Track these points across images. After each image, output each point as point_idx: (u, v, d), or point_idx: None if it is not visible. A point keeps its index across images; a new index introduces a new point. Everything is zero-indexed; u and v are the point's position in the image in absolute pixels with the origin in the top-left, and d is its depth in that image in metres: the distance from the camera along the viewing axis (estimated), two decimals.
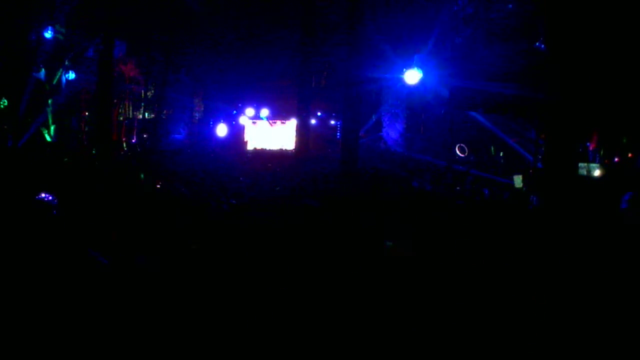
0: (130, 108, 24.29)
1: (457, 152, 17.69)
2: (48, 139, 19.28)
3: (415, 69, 18.47)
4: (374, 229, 5.91)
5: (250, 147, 21.39)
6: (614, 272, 4.43)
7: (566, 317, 3.77)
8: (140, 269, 4.36)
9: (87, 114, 21.33)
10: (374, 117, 21.89)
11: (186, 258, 4.74)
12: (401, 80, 19.63)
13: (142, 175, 12.13)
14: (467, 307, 3.98)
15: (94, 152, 15.83)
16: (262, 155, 20.19)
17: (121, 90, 21.98)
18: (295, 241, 5.18)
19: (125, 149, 20.99)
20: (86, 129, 21.03)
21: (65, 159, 14.57)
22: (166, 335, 3.54)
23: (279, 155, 19.81)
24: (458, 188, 11.20)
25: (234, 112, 22.47)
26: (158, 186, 10.46)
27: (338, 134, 20.47)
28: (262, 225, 5.94)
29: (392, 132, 20.18)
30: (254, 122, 21.68)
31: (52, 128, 19.40)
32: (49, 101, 19.21)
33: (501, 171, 14.06)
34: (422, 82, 18.96)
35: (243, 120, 21.70)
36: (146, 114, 24.59)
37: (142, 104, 24.27)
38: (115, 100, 20.30)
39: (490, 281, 4.41)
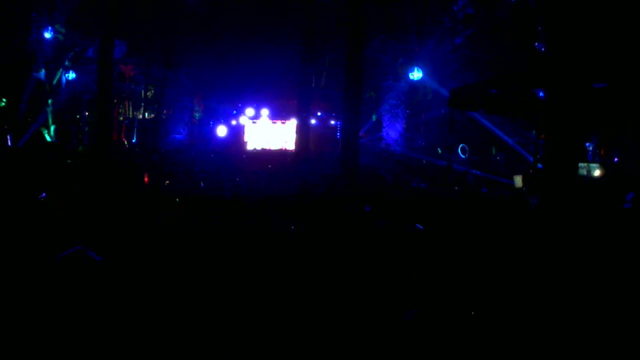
0: (130, 108, 24.29)
1: (460, 152, 17.68)
2: (48, 139, 19.28)
3: (416, 69, 18.52)
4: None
5: (250, 147, 21.38)
6: (614, 272, 4.43)
7: (564, 316, 3.77)
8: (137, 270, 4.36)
9: (87, 114, 21.34)
10: (374, 117, 21.90)
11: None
12: (401, 80, 19.68)
13: (144, 176, 12.14)
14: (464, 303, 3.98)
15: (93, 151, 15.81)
16: (262, 156, 20.18)
17: (121, 90, 21.98)
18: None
19: (126, 148, 21.00)
20: (86, 129, 21.03)
21: (66, 160, 14.58)
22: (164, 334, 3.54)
23: (279, 155, 19.81)
24: (457, 188, 11.20)
25: (234, 112, 22.46)
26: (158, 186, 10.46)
27: (338, 134, 20.46)
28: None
29: (392, 132, 20.18)
30: (254, 122, 21.67)
31: (52, 128, 19.41)
32: (49, 101, 19.21)
33: (501, 171, 14.04)
34: (422, 82, 19.00)
35: (243, 120, 21.69)
36: (146, 114, 24.59)
37: (142, 104, 24.27)
38: (115, 100, 20.30)
39: (488, 279, 4.41)
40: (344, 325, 3.70)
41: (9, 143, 17.44)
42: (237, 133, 21.84)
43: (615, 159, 12.93)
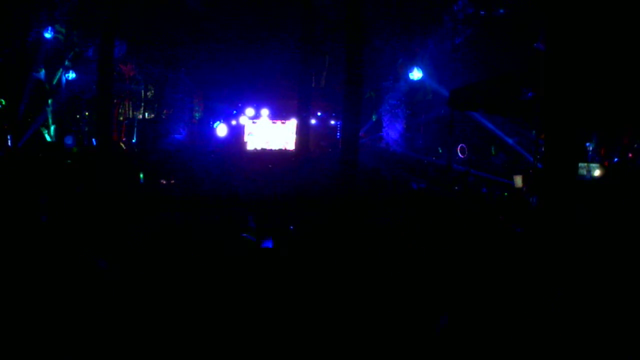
0: (130, 108, 24.28)
1: (458, 152, 17.72)
2: (48, 139, 19.28)
3: (416, 69, 18.51)
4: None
5: (250, 147, 21.38)
6: (613, 272, 4.43)
7: (563, 317, 3.76)
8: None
9: (87, 114, 21.33)
10: (374, 117, 21.90)
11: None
12: (401, 80, 19.68)
13: (143, 176, 12.14)
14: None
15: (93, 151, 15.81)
16: (262, 156, 20.17)
17: (121, 90, 21.96)
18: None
19: (126, 148, 20.99)
20: (86, 129, 21.02)
21: (66, 160, 14.57)
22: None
23: (279, 156, 19.80)
24: (457, 188, 11.19)
25: (234, 112, 22.45)
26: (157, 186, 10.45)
27: (338, 134, 20.46)
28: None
29: (392, 132, 20.18)
30: (254, 122, 21.68)
31: (52, 128, 19.40)
32: (49, 101, 19.21)
33: (501, 171, 14.05)
34: (422, 82, 19.00)
35: (243, 120, 21.69)
36: (146, 114, 24.58)
37: (142, 104, 24.25)
38: (115, 100, 20.29)
39: (488, 279, 4.41)
40: (343, 324, 3.70)
41: (9, 143, 17.43)
42: (237, 133, 21.84)
43: (615, 159, 12.93)
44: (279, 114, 21.57)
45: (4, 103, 18.26)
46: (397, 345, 3.55)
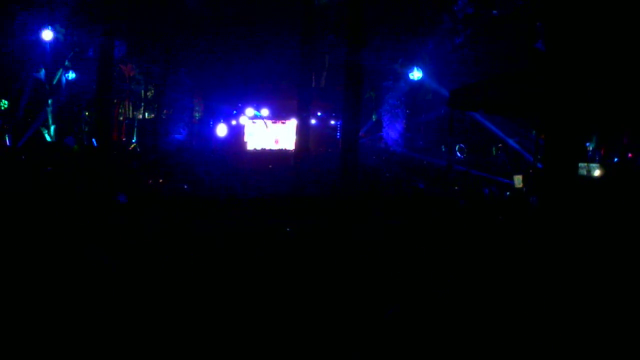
0: (130, 108, 24.28)
1: (457, 152, 17.72)
2: (48, 139, 19.27)
3: (416, 69, 18.52)
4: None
5: (250, 147, 21.39)
6: (613, 272, 4.43)
7: (561, 317, 3.76)
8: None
9: (87, 114, 21.32)
10: (374, 117, 21.91)
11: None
12: (401, 80, 19.68)
13: (142, 176, 12.14)
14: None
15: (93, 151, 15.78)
16: (262, 156, 20.18)
17: (121, 90, 21.96)
18: None
19: (125, 149, 20.97)
20: (86, 129, 21.02)
21: (66, 160, 14.56)
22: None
23: (279, 156, 19.81)
24: (457, 188, 11.19)
25: (234, 112, 22.46)
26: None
27: (338, 134, 20.47)
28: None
29: (392, 132, 20.19)
30: (254, 122, 21.69)
31: (52, 128, 19.39)
32: (49, 101, 19.20)
33: (501, 171, 14.04)
34: (422, 82, 19.00)
35: (243, 120, 21.69)
36: (146, 114, 24.57)
37: (142, 104, 24.25)
38: (115, 100, 20.29)
39: (487, 279, 4.41)
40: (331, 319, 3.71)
41: (9, 143, 17.42)
42: (237, 133, 21.85)
43: (616, 159, 12.93)
44: (279, 114, 21.58)
45: (5, 105, 18.26)
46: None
